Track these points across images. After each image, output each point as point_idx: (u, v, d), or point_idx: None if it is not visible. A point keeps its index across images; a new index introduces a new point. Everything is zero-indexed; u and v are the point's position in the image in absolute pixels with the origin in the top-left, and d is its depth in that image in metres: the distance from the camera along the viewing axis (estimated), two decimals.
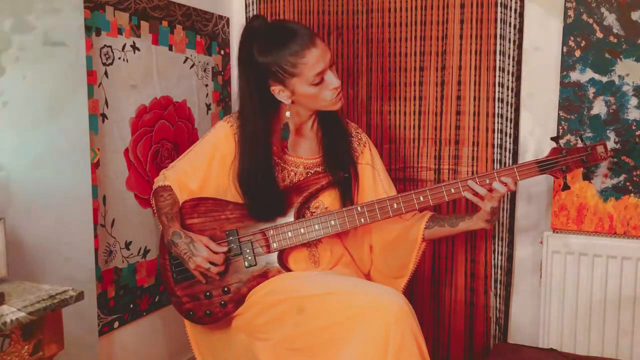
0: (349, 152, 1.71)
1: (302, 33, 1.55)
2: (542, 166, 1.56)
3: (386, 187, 1.73)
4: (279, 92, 1.59)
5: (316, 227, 1.59)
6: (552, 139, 1.62)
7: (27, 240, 1.49)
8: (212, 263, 1.54)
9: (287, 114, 1.63)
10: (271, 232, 1.60)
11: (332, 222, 1.59)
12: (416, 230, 1.64)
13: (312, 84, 1.55)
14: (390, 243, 1.69)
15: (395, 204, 1.57)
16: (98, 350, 1.75)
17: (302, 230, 1.59)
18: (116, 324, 1.86)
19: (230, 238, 1.60)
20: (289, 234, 1.59)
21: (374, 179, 1.73)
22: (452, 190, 1.55)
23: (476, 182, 1.53)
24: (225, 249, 1.57)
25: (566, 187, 1.63)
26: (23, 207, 1.48)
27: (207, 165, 1.68)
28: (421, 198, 1.56)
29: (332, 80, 1.57)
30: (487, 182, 1.53)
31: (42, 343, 1.19)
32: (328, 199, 1.66)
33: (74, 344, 1.39)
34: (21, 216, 1.47)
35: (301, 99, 1.60)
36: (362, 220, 1.58)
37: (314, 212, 1.65)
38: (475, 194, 1.53)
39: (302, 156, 1.69)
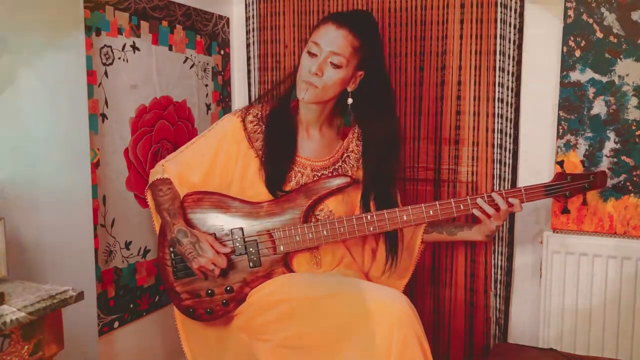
0: (392, 174, 1.70)
1: (346, 16, 1.65)
2: (548, 190, 1.60)
3: None
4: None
5: (324, 232, 1.59)
6: (557, 163, 1.66)
7: (27, 240, 1.48)
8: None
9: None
10: (278, 234, 1.58)
11: (342, 230, 1.58)
12: (416, 236, 1.70)
13: (308, 51, 1.60)
14: None
15: (405, 216, 1.58)
16: (98, 350, 1.75)
17: (310, 235, 1.59)
18: (116, 324, 1.86)
19: (236, 237, 1.59)
20: (297, 237, 1.58)
21: None
22: (462, 207, 1.58)
23: (485, 201, 1.57)
24: (228, 249, 1.56)
25: (566, 210, 1.69)
26: (23, 207, 1.47)
27: (212, 159, 1.66)
28: (431, 212, 1.58)
29: (313, 64, 1.57)
30: (495, 201, 1.58)
31: (42, 343, 1.19)
32: (333, 203, 1.65)
33: (74, 344, 1.39)
34: (21, 216, 1.47)
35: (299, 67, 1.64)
36: (371, 229, 1.58)
37: (317, 215, 1.64)
38: (483, 211, 1.58)
39: (310, 158, 1.68)
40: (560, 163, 1.67)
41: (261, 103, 1.75)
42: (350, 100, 1.64)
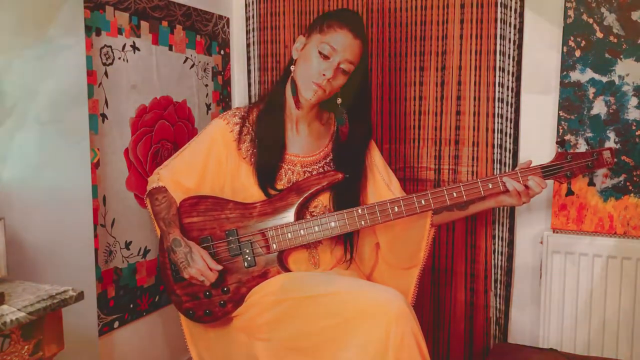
0: (363, 158, 1.72)
1: (356, 22, 1.63)
2: (546, 171, 1.56)
3: (386, 180, 1.73)
4: (297, 41, 1.65)
5: (316, 228, 1.59)
6: (557, 143, 1.62)
7: (27, 240, 1.49)
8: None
9: (291, 67, 1.65)
10: (271, 233, 1.59)
11: (332, 224, 1.58)
12: (424, 217, 1.63)
13: (319, 51, 1.57)
14: (397, 233, 1.68)
15: (396, 207, 1.56)
16: (98, 350, 1.75)
17: (301, 232, 1.59)
18: (116, 324, 1.86)
19: (230, 238, 1.60)
20: (289, 235, 1.59)
21: (374, 180, 1.73)
22: (454, 194, 1.55)
23: (479, 186, 1.55)
24: (220, 267, 1.54)
25: (570, 192, 1.59)
26: (23, 207, 1.47)
27: (203, 164, 1.68)
28: (422, 202, 1.56)
29: (327, 69, 1.57)
30: (490, 186, 1.56)
31: (42, 343, 1.19)
32: (327, 199, 1.66)
33: (74, 344, 1.39)
34: (21, 216, 1.47)
35: (300, 60, 1.62)
36: (363, 222, 1.58)
37: (312, 212, 1.65)
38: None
39: (299, 154, 1.69)
40: (561, 142, 1.60)
41: (247, 105, 1.78)
42: (340, 100, 1.66)
